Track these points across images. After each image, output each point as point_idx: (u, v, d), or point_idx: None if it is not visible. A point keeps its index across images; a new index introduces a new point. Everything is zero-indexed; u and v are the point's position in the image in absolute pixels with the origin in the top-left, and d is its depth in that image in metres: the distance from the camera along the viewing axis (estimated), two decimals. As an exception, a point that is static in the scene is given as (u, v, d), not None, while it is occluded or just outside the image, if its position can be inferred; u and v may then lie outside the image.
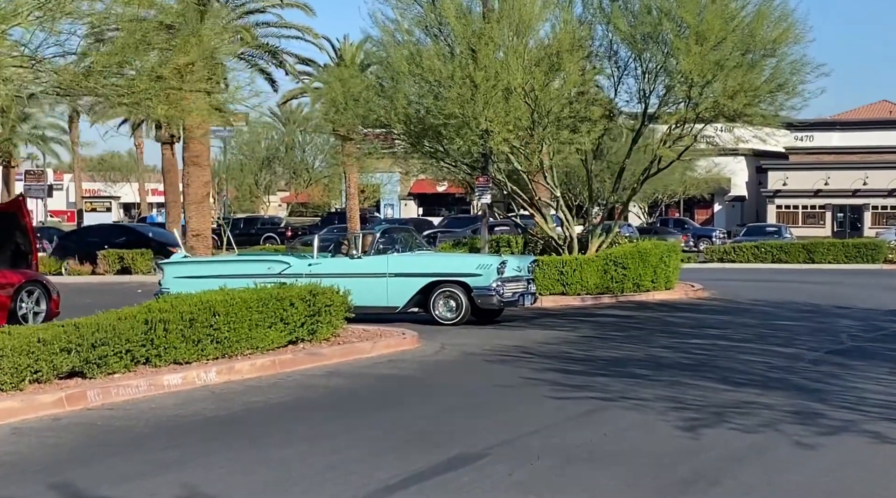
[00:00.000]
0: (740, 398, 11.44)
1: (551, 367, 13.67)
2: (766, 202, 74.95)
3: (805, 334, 17.53)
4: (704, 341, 16.54)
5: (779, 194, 74.48)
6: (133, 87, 12.09)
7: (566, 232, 25.53)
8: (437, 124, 22.43)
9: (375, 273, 18.88)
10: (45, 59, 11.71)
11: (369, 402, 11.11)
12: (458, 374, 13.21)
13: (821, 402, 11.24)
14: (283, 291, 13.98)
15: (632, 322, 19.67)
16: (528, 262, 20.05)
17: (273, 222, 73.17)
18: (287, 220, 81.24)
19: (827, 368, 13.69)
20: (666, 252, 25.31)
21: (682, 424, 10.05)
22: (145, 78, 12.25)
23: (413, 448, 8.88)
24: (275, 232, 66.75)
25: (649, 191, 64.27)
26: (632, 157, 26.93)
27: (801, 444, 9.26)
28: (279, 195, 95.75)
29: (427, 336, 16.82)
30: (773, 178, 75.09)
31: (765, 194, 74.88)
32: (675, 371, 13.39)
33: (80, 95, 12.90)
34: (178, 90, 13.02)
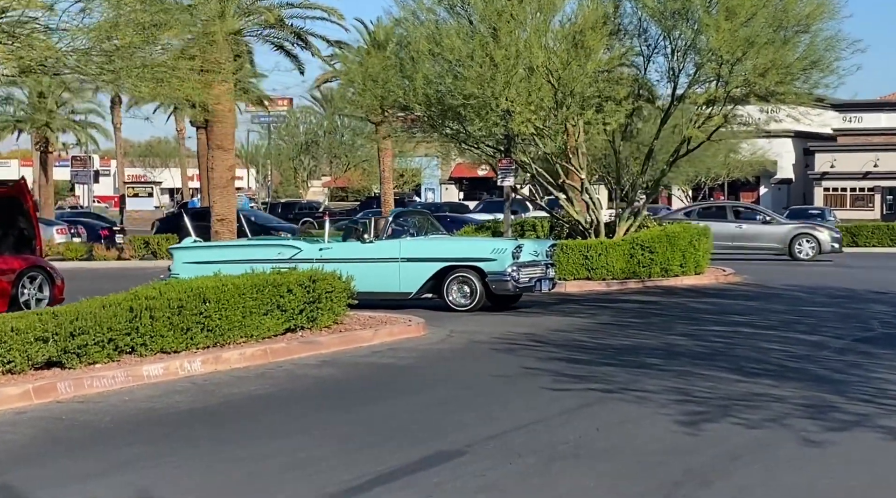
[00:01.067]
0: (751, 390, 10.81)
1: (558, 356, 13.07)
2: (813, 185, 73.63)
3: (834, 321, 16.82)
4: (725, 328, 15.87)
5: (826, 176, 73.12)
6: (111, 65, 11.59)
7: (592, 215, 24.84)
8: (457, 105, 21.81)
9: (387, 258, 18.34)
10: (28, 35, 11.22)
11: (356, 394, 10.58)
12: (458, 363, 12.65)
13: (837, 394, 10.59)
14: (281, 276, 13.47)
15: (654, 308, 19.00)
16: (547, 246, 19.42)
17: (311, 207, 72.96)
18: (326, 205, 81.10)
19: (850, 357, 13.01)
20: (696, 235, 24.55)
21: (682, 418, 9.45)
22: (125, 55, 11.73)
23: (390, 445, 8.33)
24: (312, 217, 66.26)
25: (691, 173, 63.39)
26: (661, 139, 26.18)
27: (806, 441, 8.63)
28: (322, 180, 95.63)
29: (437, 323, 16.27)
30: (821, 161, 73.73)
31: (812, 177, 73.57)
32: (687, 360, 12.76)
33: (62, 73, 12.41)
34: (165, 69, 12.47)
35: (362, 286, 18.13)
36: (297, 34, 31.74)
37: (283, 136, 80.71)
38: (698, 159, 60.19)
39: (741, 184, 73.06)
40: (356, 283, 18.10)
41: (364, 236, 18.52)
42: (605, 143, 27.08)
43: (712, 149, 59.73)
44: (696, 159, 60.12)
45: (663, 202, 76.18)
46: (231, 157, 31.99)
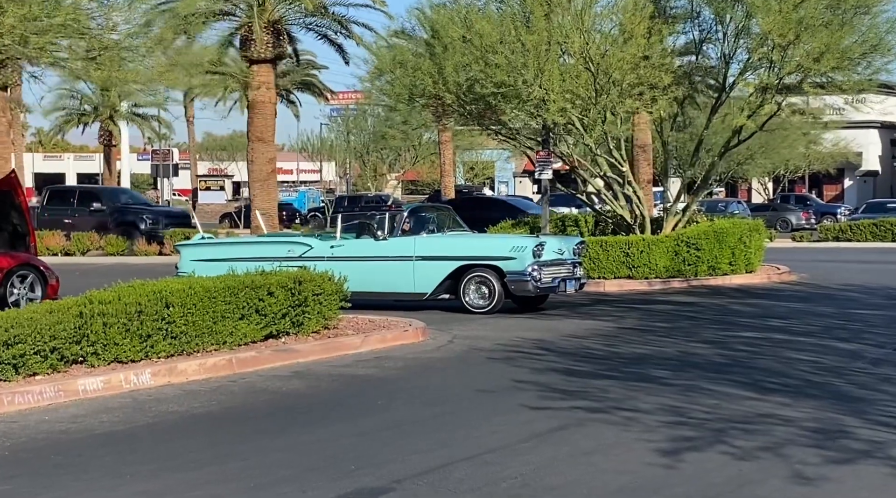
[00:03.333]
0: (758, 410, 9.57)
1: (557, 366, 11.91)
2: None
3: (882, 326, 15.42)
4: (757, 335, 14.56)
5: (914, 169, 70.60)
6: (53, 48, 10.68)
7: (637, 210, 23.54)
8: (487, 94, 20.66)
9: (401, 256, 17.28)
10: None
11: (308, 413, 9.51)
12: (442, 375, 11.54)
13: (855, 415, 9.32)
14: (261, 278, 12.46)
15: (689, 311, 17.69)
16: (574, 243, 18.20)
17: (379, 200, 72.19)
18: (394, 198, 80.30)
19: (885, 370, 11.69)
20: (746, 232, 23.14)
21: (666, 445, 8.26)
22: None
23: (313, 478, 7.26)
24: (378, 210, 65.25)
25: (769, 166, 61.52)
26: (712, 130, 24.80)
27: (798, 477, 7.40)
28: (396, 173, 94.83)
29: (443, 327, 15.20)
30: (907, 152, 71.19)
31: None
32: (699, 372, 11.52)
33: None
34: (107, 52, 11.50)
35: (375, 286, 17.19)
36: (339, 22, 30.80)
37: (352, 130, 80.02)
38: (774, 151, 58.52)
39: (823, 176, 70.74)
40: (369, 282, 17.20)
41: (377, 233, 17.48)
42: (656, 134, 25.83)
43: (789, 140, 58.06)
44: (772, 151, 58.50)
45: (742, 196, 74.35)
46: (272, 149, 31.22)
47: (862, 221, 43.84)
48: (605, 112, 21.40)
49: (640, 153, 31.43)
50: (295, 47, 34.58)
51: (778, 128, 53.57)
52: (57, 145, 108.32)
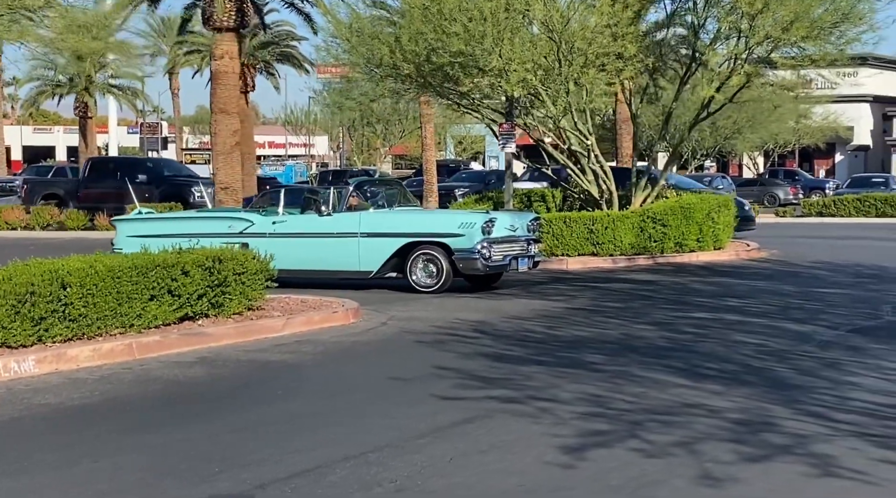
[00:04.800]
0: (686, 399, 8.91)
1: (487, 351, 11.24)
2: (891, 151, 70.28)
3: (841, 306, 14.75)
4: (709, 315, 13.90)
5: (904, 143, 69.76)
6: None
7: (604, 185, 22.82)
8: (444, 63, 19.91)
9: (346, 233, 16.58)
10: None
11: (200, 404, 8.83)
12: (360, 362, 10.86)
13: (787, 404, 8.66)
14: (176, 256, 11.75)
15: (646, 290, 17.02)
16: (528, 220, 17.48)
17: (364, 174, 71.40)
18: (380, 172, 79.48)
19: (832, 354, 11.01)
20: (715, 207, 22.43)
21: (572, 441, 7.60)
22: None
23: (166, 483, 6.57)
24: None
25: (757, 140, 60.85)
26: (683, 102, 24.07)
27: (705, 477, 6.75)
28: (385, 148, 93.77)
29: (382, 307, 14.53)
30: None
31: (889, 143, 70.20)
32: (635, 357, 10.85)
33: None
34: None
35: (318, 264, 16.55)
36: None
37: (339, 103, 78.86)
38: (762, 125, 57.80)
39: (814, 151, 69.91)
40: (312, 260, 16.54)
41: (321, 209, 16.78)
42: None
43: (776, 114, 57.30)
44: (760, 125, 57.76)
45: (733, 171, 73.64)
46: (235, 122, 30.32)
47: (846, 197, 43.18)
48: (568, 83, 20.64)
49: (623, 127, 30.74)
50: (262, 16, 33.71)
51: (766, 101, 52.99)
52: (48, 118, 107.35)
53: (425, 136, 49.89)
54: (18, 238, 29.56)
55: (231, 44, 29.90)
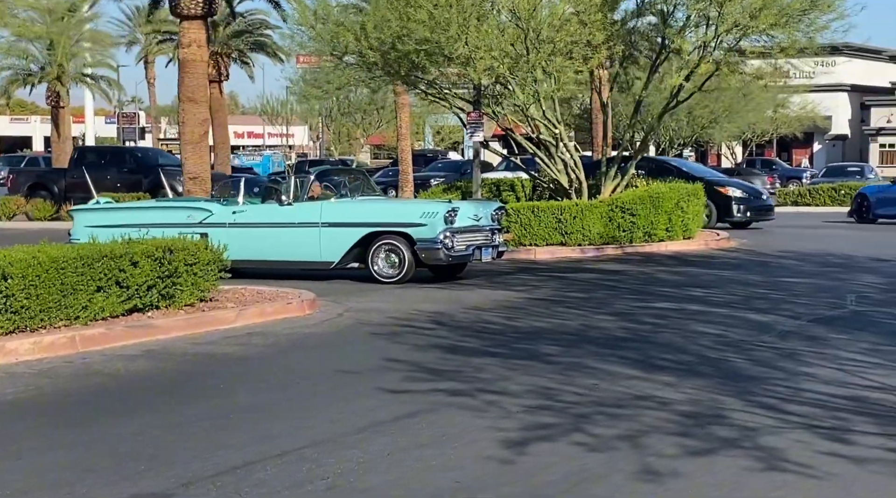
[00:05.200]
0: (637, 391, 8.74)
1: (443, 342, 11.05)
2: (868, 141, 70.34)
3: (805, 295, 14.62)
4: (672, 305, 13.74)
5: (882, 132, 69.75)
6: None
7: (573, 174, 22.64)
8: (409, 51, 19.68)
9: (307, 222, 16.35)
10: None
11: (137, 399, 8.60)
12: (311, 354, 10.63)
13: (739, 396, 8.51)
14: (125, 246, 11.50)
15: (612, 280, 16.85)
16: (492, 209, 17.27)
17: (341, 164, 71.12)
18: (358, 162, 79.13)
19: (791, 344, 10.86)
20: (684, 197, 22.28)
21: (516, 435, 7.42)
22: None
23: (88, 481, 6.30)
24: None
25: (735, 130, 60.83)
26: (654, 90, 23.90)
27: (646, 471, 6.59)
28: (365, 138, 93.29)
29: (340, 298, 14.34)
30: (877, 115, 70.30)
31: (867, 133, 70.25)
32: (592, 348, 10.68)
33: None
34: None
35: (279, 255, 16.33)
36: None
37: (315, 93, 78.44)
38: (738, 115, 57.74)
39: (792, 140, 69.88)
40: (273, 250, 16.33)
41: (282, 198, 16.55)
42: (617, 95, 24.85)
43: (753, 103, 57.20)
44: (736, 114, 57.70)
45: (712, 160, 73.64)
46: (204, 110, 29.83)
47: (821, 186, 43.17)
48: (536, 71, 20.43)
49: (600, 116, 30.53)
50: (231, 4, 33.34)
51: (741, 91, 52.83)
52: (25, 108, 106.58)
53: (400, 125, 49.57)
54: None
55: (199, 32, 29.44)
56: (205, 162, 29.65)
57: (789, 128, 64.33)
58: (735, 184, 29.46)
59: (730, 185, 28.82)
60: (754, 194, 29.23)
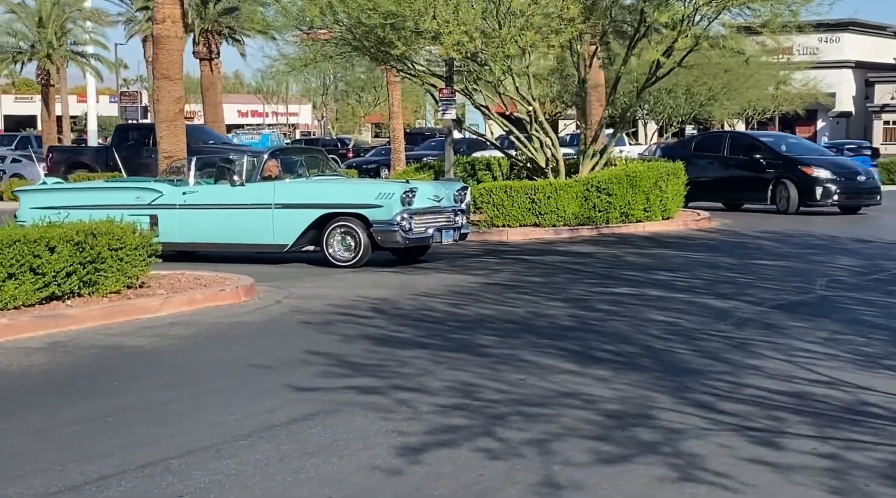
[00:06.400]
0: (565, 387, 8.09)
1: (375, 332, 10.40)
2: (872, 118, 69.40)
3: (775, 279, 13.95)
4: (632, 290, 13.07)
5: (886, 109, 68.78)
6: None
7: (548, 153, 21.95)
8: (375, 25, 18.96)
9: (260, 204, 15.68)
10: None
11: (14, 400, 7.88)
12: (228, 346, 9.95)
13: (674, 392, 7.87)
14: (38, 231, 10.85)
15: (577, 263, 16.17)
16: (455, 189, 16.59)
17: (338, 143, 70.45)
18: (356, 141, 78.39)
19: (745, 334, 10.19)
20: (663, 175, 21.58)
21: (415, 439, 6.78)
22: None
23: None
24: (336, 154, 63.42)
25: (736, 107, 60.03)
26: (632, 67, 23.16)
27: (547, 484, 5.97)
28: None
29: (285, 284, 13.70)
30: (881, 92, 69.25)
31: (871, 109, 69.31)
32: (531, 339, 10.03)
33: None
34: None
35: (231, 237, 15.71)
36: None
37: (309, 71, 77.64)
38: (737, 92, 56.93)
39: (794, 117, 68.96)
40: (224, 233, 15.72)
41: (234, 178, 15.88)
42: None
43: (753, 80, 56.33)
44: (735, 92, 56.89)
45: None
46: (179, 88, 29.17)
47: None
48: (507, 46, 19.69)
49: (593, 94, 29.75)
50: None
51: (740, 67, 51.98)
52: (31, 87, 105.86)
53: (392, 103, 48.86)
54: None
55: (173, 7, 28.70)
56: (181, 141, 28.97)
57: (791, 105, 63.47)
58: (823, 163, 25.82)
59: (815, 164, 25.45)
60: (848, 174, 25.56)
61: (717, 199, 26.75)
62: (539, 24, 19.47)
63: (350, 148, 69.88)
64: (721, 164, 26.62)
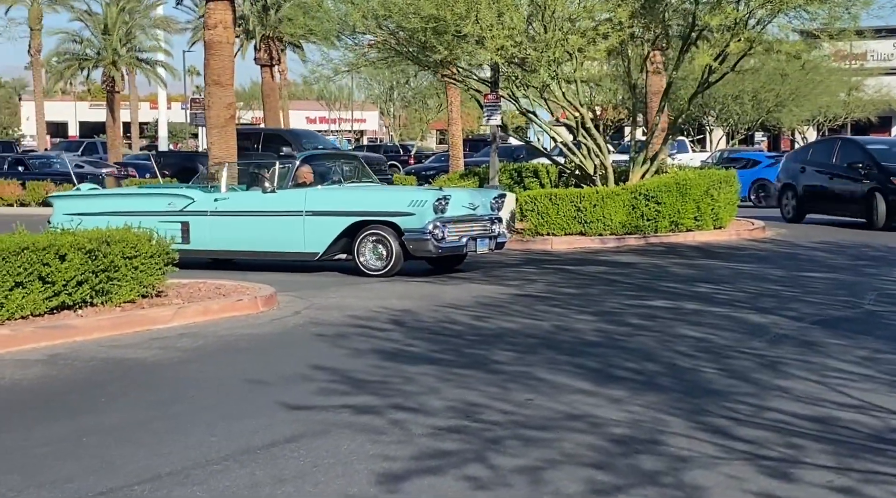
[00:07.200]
0: (575, 408, 7.60)
1: (387, 346, 9.96)
2: (949, 127, 67.71)
3: (821, 293, 13.31)
4: (668, 303, 12.52)
5: (962, 116, 66.97)
6: None
7: (596, 160, 21.41)
8: (416, 29, 18.57)
9: (291, 211, 15.35)
10: None
11: (3, 411, 7.69)
12: (232, 360, 9.55)
13: (690, 416, 7.35)
14: (48, 238, 10.56)
15: (616, 274, 15.61)
16: (492, 197, 16.12)
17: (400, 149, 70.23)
18: (419, 147, 78.10)
19: (779, 352, 9.62)
20: (714, 184, 20.92)
21: (400, 466, 6.34)
22: None
23: None
24: (398, 160, 63.27)
25: (804, 114, 58.93)
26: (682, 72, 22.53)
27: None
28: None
29: (309, 294, 13.33)
30: (958, 100, 67.39)
31: (947, 118, 67.62)
32: (550, 355, 9.54)
33: None
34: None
35: (262, 245, 15.39)
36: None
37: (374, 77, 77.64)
38: (806, 98, 55.87)
39: (867, 125, 67.50)
40: (255, 240, 15.43)
41: (265, 185, 15.57)
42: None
43: (822, 86, 55.21)
44: (804, 98, 55.84)
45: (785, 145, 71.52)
46: (230, 94, 29.06)
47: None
48: (551, 50, 19.19)
49: (654, 100, 29.12)
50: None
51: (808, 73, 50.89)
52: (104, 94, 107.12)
53: (451, 109, 48.36)
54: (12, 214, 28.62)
55: (224, 13, 28.59)
56: (231, 147, 28.77)
57: (863, 112, 62.18)
58: None
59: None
60: None
61: (822, 211, 24.69)
62: (585, 28, 18.93)
63: (412, 154, 69.63)
64: (828, 173, 24.29)
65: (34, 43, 57.44)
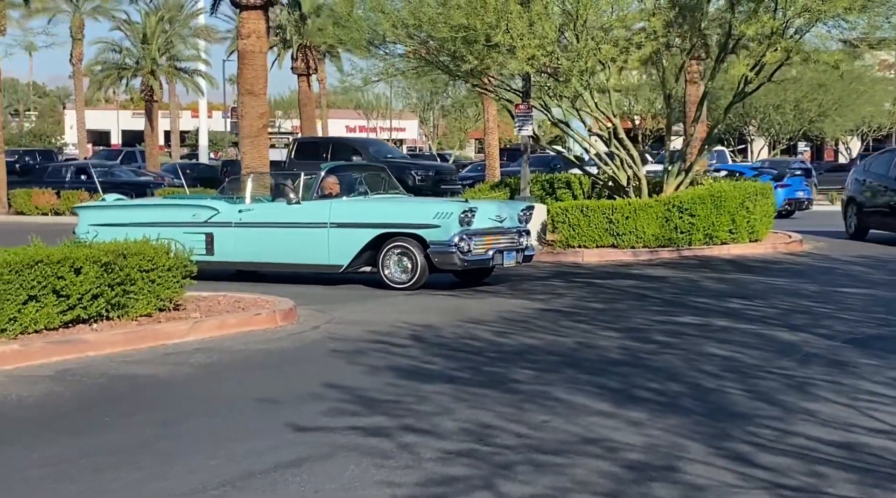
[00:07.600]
0: (592, 431, 7.34)
1: (404, 363, 9.74)
2: None
3: (856, 310, 12.94)
4: (697, 320, 12.22)
5: None
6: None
7: (629, 171, 21.09)
8: (445, 39, 18.36)
9: (315, 223, 15.17)
10: None
11: (3, 430, 7.52)
12: (244, 377, 9.33)
13: (711, 440, 7.06)
14: (62, 251, 10.41)
15: (646, 288, 15.31)
16: (520, 209, 15.87)
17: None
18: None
19: (808, 372, 9.31)
20: (750, 196, 20.54)
21: (403, 493, 6.11)
22: None
23: None
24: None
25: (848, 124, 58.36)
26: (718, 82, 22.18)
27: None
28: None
29: (330, 307, 13.12)
30: None
31: None
32: (570, 373, 9.28)
33: None
34: None
35: (286, 257, 15.22)
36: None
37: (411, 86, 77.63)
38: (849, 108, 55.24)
39: (912, 135, 66.61)
40: (279, 252, 15.25)
41: (290, 196, 15.40)
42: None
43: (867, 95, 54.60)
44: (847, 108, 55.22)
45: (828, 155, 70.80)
46: (263, 103, 29.10)
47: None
48: (583, 60, 18.93)
49: (691, 110, 28.78)
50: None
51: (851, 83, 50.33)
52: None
53: (487, 118, 48.12)
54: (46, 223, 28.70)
55: (258, 22, 28.65)
56: (263, 156, 28.81)
57: (909, 121, 61.54)
58: None
59: None
60: None
61: (882, 227, 23.04)
62: (618, 38, 18.65)
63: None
64: (885, 187, 22.89)
65: (76, 52, 57.92)
